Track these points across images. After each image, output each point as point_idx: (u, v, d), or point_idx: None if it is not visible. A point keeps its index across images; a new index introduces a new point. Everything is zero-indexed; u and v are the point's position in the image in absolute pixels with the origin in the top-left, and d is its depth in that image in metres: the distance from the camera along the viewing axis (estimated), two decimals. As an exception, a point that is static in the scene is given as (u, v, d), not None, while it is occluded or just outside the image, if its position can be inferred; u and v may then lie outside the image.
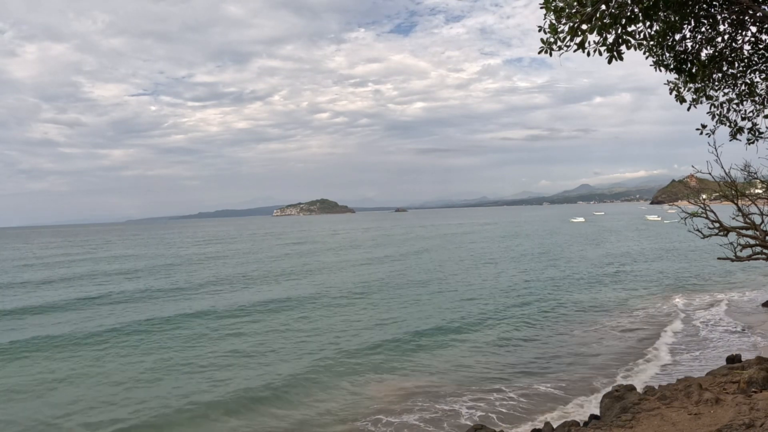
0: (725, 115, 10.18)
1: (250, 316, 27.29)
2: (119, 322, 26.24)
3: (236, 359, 19.50)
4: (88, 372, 18.48)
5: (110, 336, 23.41)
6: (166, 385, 16.90)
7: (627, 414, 10.45)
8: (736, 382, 11.24)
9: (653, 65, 9.40)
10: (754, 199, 14.28)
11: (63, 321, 27.33)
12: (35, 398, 16.15)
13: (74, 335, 23.59)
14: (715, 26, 9.21)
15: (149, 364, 19.23)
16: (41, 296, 36.23)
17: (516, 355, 19.22)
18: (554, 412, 13.81)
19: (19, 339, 23.10)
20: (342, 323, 25.29)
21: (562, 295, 31.02)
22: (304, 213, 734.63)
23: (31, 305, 31.83)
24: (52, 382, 17.49)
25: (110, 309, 30.51)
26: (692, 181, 45.07)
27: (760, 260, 13.46)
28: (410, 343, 21.02)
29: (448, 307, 28.45)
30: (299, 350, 20.64)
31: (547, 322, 24.14)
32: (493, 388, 15.79)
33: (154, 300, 33.30)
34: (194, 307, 29.70)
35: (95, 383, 17.31)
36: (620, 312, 25.92)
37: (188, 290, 37.08)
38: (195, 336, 23.27)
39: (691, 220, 14.03)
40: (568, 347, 20.05)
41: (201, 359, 19.63)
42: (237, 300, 31.85)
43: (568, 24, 7.52)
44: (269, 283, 39.94)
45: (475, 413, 13.91)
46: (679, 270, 40.21)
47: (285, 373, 17.66)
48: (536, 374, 16.95)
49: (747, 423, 8.65)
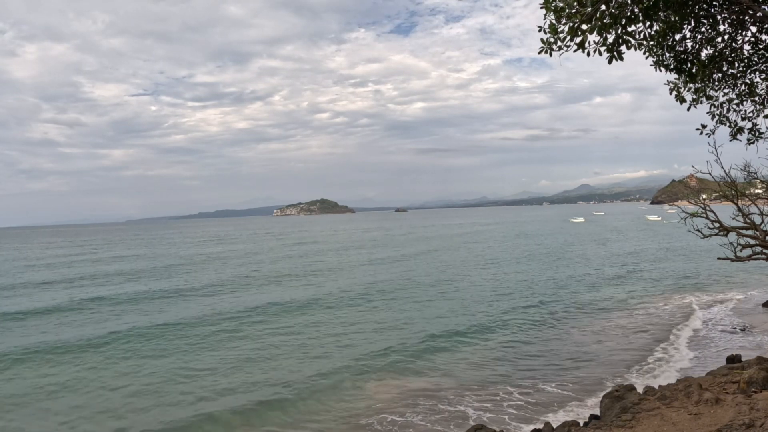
0: (725, 115, 10.18)
1: (253, 318, 27.14)
2: (122, 325, 26.04)
3: (241, 362, 19.34)
4: (89, 378, 18.07)
5: (113, 339, 23.17)
6: (170, 389, 16.67)
7: (627, 414, 10.45)
8: (736, 382, 11.24)
9: (653, 65, 9.40)
10: (754, 199, 14.27)
11: (64, 324, 27.27)
12: (34, 406, 15.68)
13: (75, 339, 23.33)
14: (715, 26, 9.20)
15: (152, 369, 18.93)
16: (41, 299, 36.21)
17: (521, 356, 19.21)
18: (557, 413, 13.81)
19: (18, 344, 22.71)
20: (347, 325, 25.22)
21: (564, 296, 31.03)
22: (304, 213, 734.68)
23: (32, 308, 31.63)
24: (52, 389, 17.08)
25: (112, 312, 30.47)
26: (692, 181, 45.06)
27: (760, 260, 13.45)
28: (415, 344, 20.95)
29: (454, 308, 28.41)
30: (303, 351, 20.62)
31: (550, 323, 24.13)
32: (497, 388, 15.83)
33: (155, 302, 33.18)
34: (198, 310, 29.59)
35: (97, 390, 16.89)
36: (621, 312, 25.92)
37: (191, 292, 36.95)
38: (199, 337, 23.17)
39: (691, 220, 14.02)
40: (570, 348, 20.06)
41: (206, 362, 19.47)
42: (239, 302, 31.74)
43: (568, 24, 7.52)
44: (272, 284, 39.79)
45: (483, 414, 13.93)
46: (679, 270, 40.20)
47: (289, 374, 17.69)
48: (540, 375, 16.98)
49: (747, 423, 8.65)
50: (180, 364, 19.32)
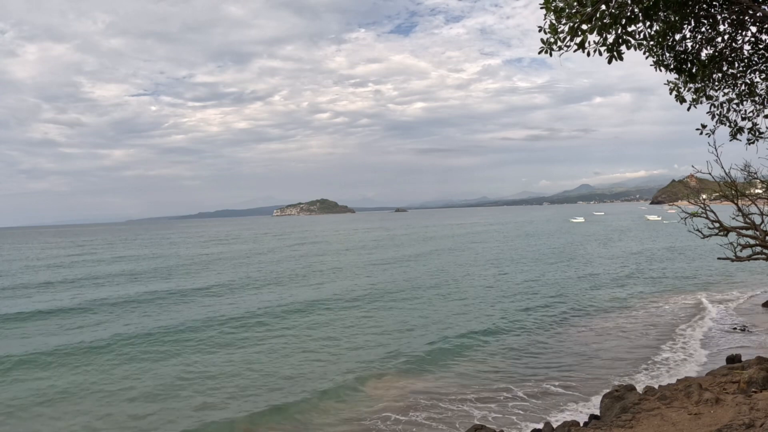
0: (725, 115, 10.18)
1: (257, 319, 26.95)
2: (126, 329, 25.66)
3: (244, 365, 19.16)
4: (93, 383, 17.60)
5: (114, 341, 22.79)
6: (173, 393, 16.48)
7: (627, 414, 10.45)
8: (736, 382, 11.25)
9: (653, 65, 9.40)
10: (754, 199, 14.26)
11: (66, 327, 27.07)
12: (34, 414, 15.28)
13: (77, 343, 22.81)
14: (715, 26, 9.20)
15: (154, 372, 18.57)
16: (42, 300, 36.20)
17: (523, 356, 19.23)
18: (559, 413, 13.83)
19: (18, 349, 21.83)
20: (350, 327, 25.11)
21: (565, 296, 31.04)
22: (304, 213, 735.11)
23: (33, 309, 31.37)
24: (53, 395, 16.67)
25: (115, 315, 30.25)
26: (692, 181, 45.14)
27: (760, 260, 13.44)
28: (419, 345, 20.92)
29: (457, 309, 28.36)
30: (306, 353, 20.58)
31: (551, 323, 24.14)
32: (500, 387, 15.92)
33: (157, 304, 32.85)
34: (200, 312, 29.37)
35: (100, 396, 16.43)
36: (621, 312, 25.94)
37: (193, 293, 36.67)
38: (202, 341, 22.86)
39: (691, 220, 14.00)
40: (571, 348, 20.09)
41: (208, 366, 19.28)
42: (242, 304, 31.48)
43: (568, 24, 7.52)
44: (274, 285, 39.49)
45: (488, 414, 13.97)
46: (680, 270, 40.20)
47: (292, 376, 17.68)
48: (542, 374, 17.02)
49: (747, 423, 8.65)
50: (182, 368, 19.05)
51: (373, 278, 41.56)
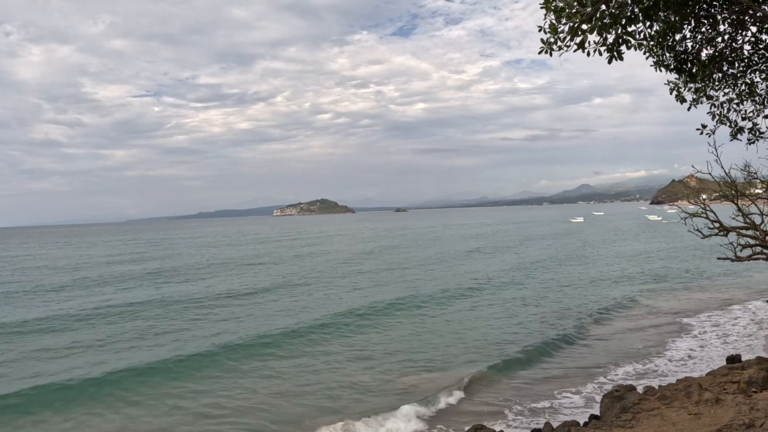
0: (725, 115, 10.17)
1: (261, 323, 26.39)
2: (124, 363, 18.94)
3: (247, 368, 18.70)
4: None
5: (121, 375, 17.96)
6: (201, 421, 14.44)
7: (627, 414, 10.46)
8: (736, 382, 11.25)
9: (653, 65, 9.39)
10: (754, 199, 14.25)
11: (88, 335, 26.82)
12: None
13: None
14: (716, 26, 9.20)
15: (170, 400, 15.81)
16: (43, 304, 35.96)
17: (524, 356, 19.13)
18: (559, 413, 13.83)
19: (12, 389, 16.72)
20: (363, 342, 22.07)
21: (565, 296, 31.03)
22: (303, 213, 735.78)
23: (34, 316, 28.96)
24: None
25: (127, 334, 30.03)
26: (692, 181, 45.09)
27: (760, 260, 13.44)
28: (419, 346, 20.88)
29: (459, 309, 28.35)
30: (309, 352, 20.59)
31: (551, 324, 24.05)
32: (501, 387, 16.00)
33: (164, 310, 30.81)
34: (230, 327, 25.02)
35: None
36: (622, 312, 25.93)
37: (203, 300, 33.24)
38: (231, 360, 19.57)
39: (691, 220, 14.00)
40: (571, 347, 20.11)
41: (216, 367, 18.67)
42: (246, 307, 31.19)
43: (568, 24, 7.51)
44: (278, 288, 37.89)
45: (485, 409, 14.13)
46: (679, 270, 40.20)
47: (292, 372, 17.67)
48: (543, 374, 17.08)
49: (747, 423, 8.65)
50: (208, 398, 15.86)
51: (384, 284, 41.45)
